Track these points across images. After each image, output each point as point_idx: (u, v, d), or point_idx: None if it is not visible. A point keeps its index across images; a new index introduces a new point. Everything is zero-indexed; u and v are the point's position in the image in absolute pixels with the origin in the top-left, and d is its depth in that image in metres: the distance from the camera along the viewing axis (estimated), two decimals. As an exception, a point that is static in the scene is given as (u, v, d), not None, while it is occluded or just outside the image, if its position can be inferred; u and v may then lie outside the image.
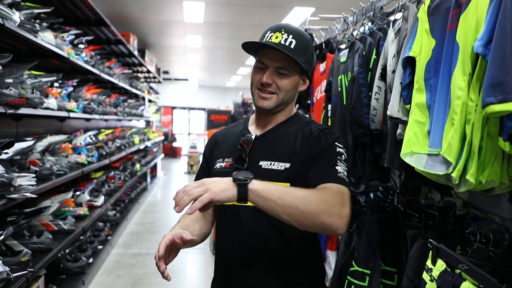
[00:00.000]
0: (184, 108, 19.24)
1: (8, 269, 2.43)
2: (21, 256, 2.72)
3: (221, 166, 1.55)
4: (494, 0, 1.03)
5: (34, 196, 2.64)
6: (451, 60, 1.19)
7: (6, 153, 2.79)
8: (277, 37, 1.44)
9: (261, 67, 1.48)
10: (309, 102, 2.93)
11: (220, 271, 1.58)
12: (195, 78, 17.53)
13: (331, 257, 2.58)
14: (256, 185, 1.19)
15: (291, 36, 1.44)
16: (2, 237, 2.53)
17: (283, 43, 1.42)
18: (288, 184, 1.41)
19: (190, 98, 18.67)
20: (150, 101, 10.99)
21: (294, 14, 7.06)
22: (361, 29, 2.36)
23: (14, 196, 2.47)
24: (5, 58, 2.70)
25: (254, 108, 1.66)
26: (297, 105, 3.12)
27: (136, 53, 7.70)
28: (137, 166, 7.84)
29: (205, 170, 1.65)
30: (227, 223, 1.54)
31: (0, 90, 2.60)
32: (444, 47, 1.24)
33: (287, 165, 1.43)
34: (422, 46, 1.36)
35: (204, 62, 13.16)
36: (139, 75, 10.12)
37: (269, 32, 1.47)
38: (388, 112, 1.55)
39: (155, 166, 10.79)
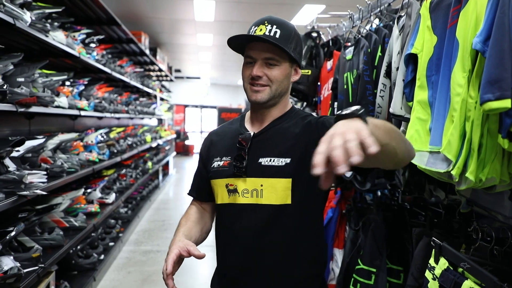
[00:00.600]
0: (196, 106, 19.32)
1: (19, 264, 2.47)
2: (32, 252, 2.77)
3: (219, 164, 1.55)
4: (493, -4, 1.02)
5: (44, 193, 2.68)
6: (451, 57, 1.18)
7: (18, 150, 2.84)
8: (261, 29, 1.44)
9: (250, 62, 1.48)
10: (316, 99, 2.92)
11: (220, 267, 1.59)
12: (207, 76, 17.59)
13: (338, 255, 2.57)
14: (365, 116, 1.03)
15: (275, 26, 1.44)
16: (14, 233, 2.57)
17: (268, 34, 1.42)
18: (290, 179, 1.41)
19: (202, 96, 18.73)
20: (162, 99, 11.06)
21: (304, 11, 7.04)
22: (368, 27, 2.35)
23: (24, 193, 2.51)
24: (16, 58, 2.74)
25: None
26: (305, 103, 3.12)
27: (147, 51, 7.75)
28: (149, 164, 7.90)
29: (202, 170, 1.65)
30: (227, 220, 1.54)
31: (12, 89, 2.64)
32: (445, 43, 1.23)
33: (287, 160, 1.43)
34: (424, 43, 1.35)
35: (216, 61, 13.19)
36: (151, 73, 10.19)
37: (253, 27, 1.47)
38: (391, 110, 1.54)
39: (167, 164, 10.86)
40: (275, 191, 1.43)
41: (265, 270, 1.46)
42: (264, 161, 1.46)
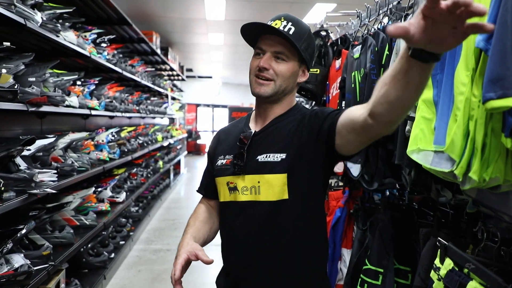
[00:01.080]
0: (208, 105, 19.38)
1: (29, 262, 2.50)
2: (43, 250, 2.80)
3: (222, 163, 1.56)
4: (496, -7, 1.00)
5: (54, 191, 2.71)
6: (455, 56, 1.16)
7: (29, 149, 2.87)
8: (276, 24, 1.45)
9: (259, 53, 1.49)
10: (325, 98, 2.91)
11: (224, 264, 1.60)
12: (218, 76, 17.63)
13: (346, 255, 2.56)
14: None
15: (290, 23, 1.45)
16: (24, 231, 2.60)
17: (282, 29, 1.43)
18: (286, 174, 1.42)
19: (214, 96, 18.78)
20: (173, 98, 11.11)
21: (315, 10, 7.01)
22: (377, 25, 2.33)
23: (35, 191, 2.54)
24: (27, 58, 2.77)
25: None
26: (313, 102, 3.11)
27: (158, 51, 7.78)
28: (160, 163, 7.94)
29: (210, 168, 1.67)
30: (228, 218, 1.56)
31: (22, 89, 2.67)
32: (449, 42, 1.21)
33: (283, 155, 1.43)
34: (430, 41, 1.33)
35: (227, 60, 13.21)
36: (163, 73, 10.23)
37: (269, 21, 1.49)
38: (396, 109, 1.53)
39: (178, 163, 10.90)
40: (272, 187, 1.43)
41: (266, 268, 1.46)
42: (261, 157, 1.46)
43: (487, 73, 0.94)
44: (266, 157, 1.45)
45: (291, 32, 1.43)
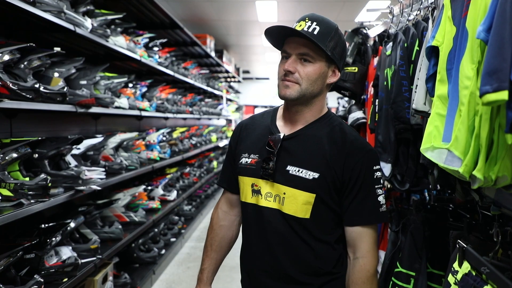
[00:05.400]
0: (265, 106, 19.47)
1: (76, 254, 2.65)
2: (90, 243, 2.95)
3: (246, 162, 1.54)
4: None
5: (99, 188, 2.85)
6: (461, 48, 1.10)
7: (78, 148, 3.05)
8: (300, 25, 1.40)
9: (285, 56, 1.44)
10: (364, 97, 2.85)
11: (245, 268, 1.62)
12: (275, 77, 17.63)
13: (383, 257, 2.49)
14: None
15: (315, 23, 1.39)
16: (73, 225, 2.76)
17: (307, 30, 1.38)
18: (314, 195, 1.40)
19: (271, 97, 18.83)
20: (229, 100, 11.27)
21: (369, 7, 6.84)
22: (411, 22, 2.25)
23: (81, 188, 2.69)
24: (77, 62, 2.93)
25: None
26: (353, 101, 3.05)
27: (213, 54, 7.92)
28: (214, 163, 8.09)
29: (231, 161, 1.65)
30: (248, 219, 1.56)
31: (72, 91, 2.84)
32: (459, 34, 1.16)
33: (316, 175, 1.40)
34: (445, 35, 1.27)
35: (283, 61, 13.18)
36: (219, 75, 10.41)
37: (295, 22, 1.44)
38: (413, 105, 1.48)
39: (234, 163, 11.02)
40: (296, 203, 1.42)
41: (280, 274, 1.47)
42: (292, 170, 1.43)
43: (484, 65, 0.88)
44: (297, 171, 1.42)
45: (315, 32, 1.37)
